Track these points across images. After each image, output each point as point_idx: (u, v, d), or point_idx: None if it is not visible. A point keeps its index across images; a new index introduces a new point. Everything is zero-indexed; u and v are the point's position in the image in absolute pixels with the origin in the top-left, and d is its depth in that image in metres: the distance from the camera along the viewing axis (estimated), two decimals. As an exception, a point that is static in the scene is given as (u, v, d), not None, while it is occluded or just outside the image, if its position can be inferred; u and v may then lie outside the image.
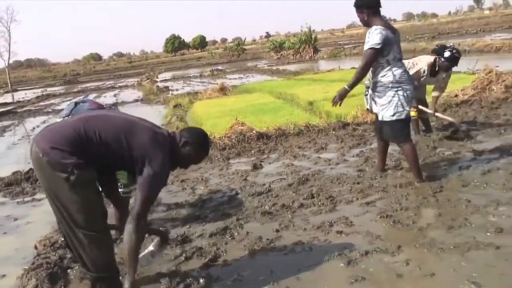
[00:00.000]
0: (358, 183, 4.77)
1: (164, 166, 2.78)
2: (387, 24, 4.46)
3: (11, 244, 4.39)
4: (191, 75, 28.19)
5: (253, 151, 6.58)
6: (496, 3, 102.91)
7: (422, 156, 5.32)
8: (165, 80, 26.08)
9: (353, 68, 17.90)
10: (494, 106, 7.49)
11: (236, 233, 3.91)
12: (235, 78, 21.29)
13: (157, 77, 28.68)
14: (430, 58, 6.10)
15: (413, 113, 6.27)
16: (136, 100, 17.08)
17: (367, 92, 4.81)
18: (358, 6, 4.50)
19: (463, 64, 13.00)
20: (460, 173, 4.63)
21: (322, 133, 7.19)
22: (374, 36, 4.31)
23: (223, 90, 14.56)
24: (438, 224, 3.58)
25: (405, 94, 4.41)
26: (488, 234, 3.30)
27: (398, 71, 4.41)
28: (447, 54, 5.87)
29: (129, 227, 2.72)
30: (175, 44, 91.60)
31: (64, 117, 3.63)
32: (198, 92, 15.73)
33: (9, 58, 42.45)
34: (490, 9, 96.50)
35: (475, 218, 3.57)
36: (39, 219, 4.92)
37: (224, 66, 32.31)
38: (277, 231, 3.84)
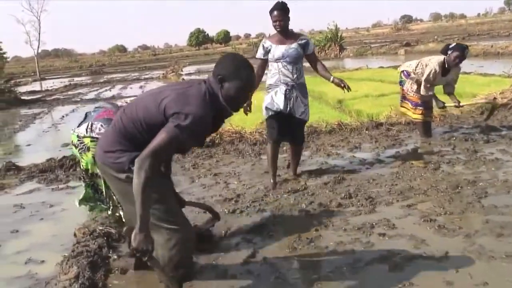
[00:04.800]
0: (396, 184, 4.67)
1: (192, 120, 2.39)
2: None
3: (48, 231, 4.39)
4: (216, 69, 28.15)
5: (284, 148, 6.48)
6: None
7: (463, 159, 5.20)
8: (190, 74, 26.09)
9: (381, 67, 17.69)
10: (536, 111, 7.28)
11: (274, 231, 3.84)
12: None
13: (181, 70, 28.68)
14: (440, 58, 6.06)
15: (417, 116, 6.23)
16: (162, 93, 17.08)
17: (286, 93, 4.79)
18: (288, 11, 4.81)
19: (498, 67, 12.83)
20: (505, 179, 4.48)
21: (355, 132, 7.08)
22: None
23: (250, 85, 14.47)
24: (486, 231, 3.45)
25: None
26: (542, 244, 3.18)
27: None
28: (453, 45, 5.91)
29: (136, 165, 2.39)
30: (199, 38, 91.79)
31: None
32: (225, 87, 15.64)
33: (38, 47, 43.04)
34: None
35: (526, 227, 3.45)
36: (74, 206, 4.90)
37: (248, 62, 32.13)
38: (316, 230, 3.76)
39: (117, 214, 3.86)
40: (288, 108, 4.77)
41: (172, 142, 2.40)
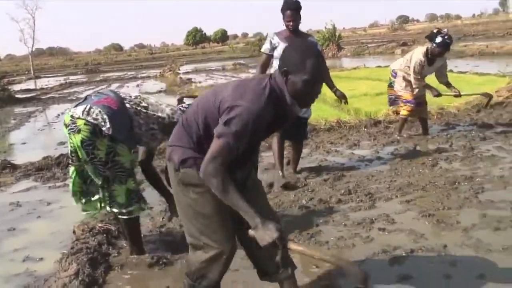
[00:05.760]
0: (395, 180, 4.70)
1: (240, 114, 2.11)
2: None
3: (46, 228, 4.38)
4: (213, 68, 28.15)
5: (285, 145, 6.47)
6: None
7: (460, 156, 5.24)
8: (187, 73, 26.03)
9: (379, 66, 17.72)
10: (531, 109, 7.32)
11: (274, 226, 3.84)
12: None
13: (179, 69, 28.60)
14: (423, 48, 6.10)
15: (405, 112, 6.24)
16: (159, 91, 17.04)
17: None
18: (300, 10, 4.69)
19: (493, 67, 12.90)
20: (501, 175, 4.52)
21: (354, 130, 7.11)
22: None
23: (247, 84, 14.45)
24: (483, 225, 3.49)
25: None
26: (539, 237, 3.21)
27: None
28: (438, 39, 5.87)
29: (202, 175, 2.19)
30: (196, 37, 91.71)
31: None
32: (222, 85, 15.64)
33: (33, 45, 42.77)
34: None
35: (523, 221, 3.47)
36: (72, 204, 4.89)
37: (246, 61, 32.12)
38: (317, 225, 3.78)
39: (108, 210, 3.42)
40: None
41: (226, 146, 2.13)
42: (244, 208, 2.16)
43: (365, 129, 7.07)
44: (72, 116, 3.21)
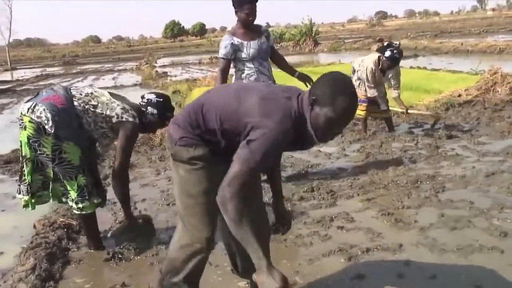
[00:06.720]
0: (358, 178, 4.75)
1: (267, 137, 2.02)
2: None
3: (9, 222, 4.35)
4: (189, 62, 27.97)
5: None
6: (500, 4, 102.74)
7: (424, 155, 5.31)
8: (164, 66, 25.86)
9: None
10: (498, 108, 7.42)
11: (236, 224, 3.86)
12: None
13: (155, 62, 28.36)
14: (374, 56, 6.18)
15: (360, 112, 6.31)
16: (135, 84, 16.93)
17: None
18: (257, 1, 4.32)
19: (467, 64, 13.05)
20: (463, 174, 4.60)
21: (322, 127, 7.13)
22: None
23: (223, 78, 14.41)
24: (440, 224, 3.55)
25: None
26: (493, 237, 3.27)
27: None
28: (387, 53, 5.97)
29: (221, 194, 2.05)
30: (174, 30, 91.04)
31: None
32: (197, 79, 15.61)
33: (9, 36, 41.89)
34: (493, 9, 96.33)
35: (479, 221, 3.54)
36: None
37: (224, 54, 31.94)
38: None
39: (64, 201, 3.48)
40: None
41: (246, 169, 2.03)
42: (254, 246, 2.02)
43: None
44: (21, 113, 3.25)
